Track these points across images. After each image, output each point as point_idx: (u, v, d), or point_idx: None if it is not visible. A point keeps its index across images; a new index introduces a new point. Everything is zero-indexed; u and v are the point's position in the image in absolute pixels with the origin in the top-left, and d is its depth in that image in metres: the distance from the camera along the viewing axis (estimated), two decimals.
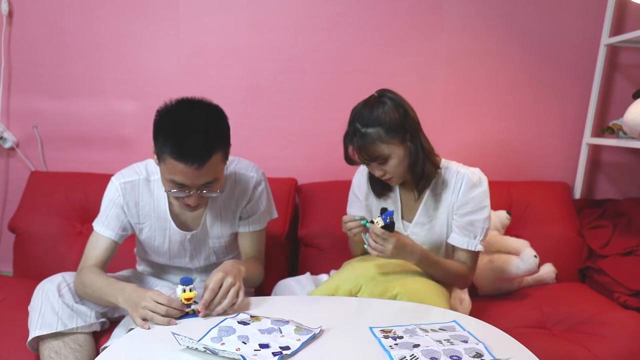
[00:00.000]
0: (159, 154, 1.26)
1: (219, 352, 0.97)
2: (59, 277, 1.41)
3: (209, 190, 1.29)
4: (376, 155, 1.37)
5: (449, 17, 2.08)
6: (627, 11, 2.08)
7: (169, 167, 1.23)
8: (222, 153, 1.28)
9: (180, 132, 1.21)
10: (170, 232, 1.48)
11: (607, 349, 1.40)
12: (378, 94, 1.42)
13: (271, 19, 2.08)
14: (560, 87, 2.13)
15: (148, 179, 1.44)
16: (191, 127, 1.21)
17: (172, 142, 1.20)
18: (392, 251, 1.31)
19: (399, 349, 0.99)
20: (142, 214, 1.45)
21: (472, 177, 1.44)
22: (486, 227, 1.45)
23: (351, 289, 1.35)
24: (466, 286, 1.52)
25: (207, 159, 1.21)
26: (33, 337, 1.33)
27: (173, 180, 1.25)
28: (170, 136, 1.21)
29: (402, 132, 1.38)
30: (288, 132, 2.14)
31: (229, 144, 1.33)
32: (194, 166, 1.20)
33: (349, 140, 1.39)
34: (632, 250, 1.79)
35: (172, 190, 1.28)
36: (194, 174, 1.22)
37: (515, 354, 1.00)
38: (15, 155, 2.17)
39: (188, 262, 1.57)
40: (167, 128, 1.23)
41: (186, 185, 1.25)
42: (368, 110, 1.37)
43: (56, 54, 2.10)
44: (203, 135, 1.21)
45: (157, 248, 1.51)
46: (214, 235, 1.52)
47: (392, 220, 1.30)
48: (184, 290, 1.16)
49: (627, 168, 2.20)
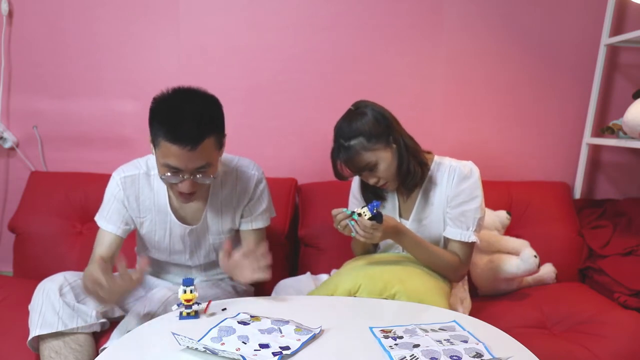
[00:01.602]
0: (154, 139, 1.28)
1: (219, 352, 0.97)
2: (61, 276, 1.41)
3: (203, 175, 1.30)
4: (363, 165, 1.40)
5: (449, 17, 2.08)
6: (627, 11, 2.07)
7: (163, 150, 1.25)
8: (215, 139, 1.30)
9: (175, 116, 1.24)
10: (170, 225, 1.48)
11: (607, 349, 1.40)
12: (354, 107, 1.45)
13: (271, 19, 2.08)
14: (560, 87, 2.13)
15: (148, 173, 1.46)
16: (185, 111, 1.25)
17: (166, 126, 1.23)
18: (380, 237, 1.34)
19: (399, 349, 0.99)
20: (143, 207, 1.46)
21: (464, 169, 1.46)
22: (478, 216, 1.45)
23: (350, 289, 1.35)
24: (459, 279, 1.52)
25: (199, 141, 1.24)
26: (33, 337, 1.33)
27: (167, 164, 1.27)
28: (164, 120, 1.24)
29: (385, 136, 1.41)
30: (288, 132, 2.14)
31: (224, 133, 1.36)
32: (186, 148, 1.22)
33: (335, 156, 1.43)
34: (632, 250, 1.79)
35: (166, 174, 1.29)
36: (187, 157, 1.24)
37: (515, 354, 1.00)
38: (15, 155, 2.17)
39: (188, 259, 1.57)
40: (162, 113, 1.26)
41: (180, 170, 1.27)
42: (347, 124, 1.41)
43: (56, 54, 2.10)
44: (196, 118, 1.24)
45: (158, 243, 1.52)
46: (213, 230, 1.52)
47: (379, 211, 1.31)
48: (184, 292, 1.16)
49: (627, 168, 2.20)
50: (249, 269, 1.25)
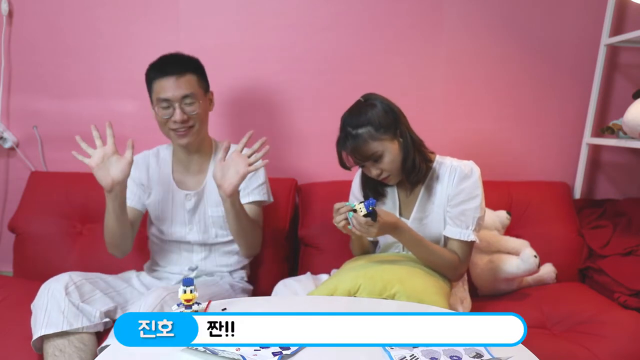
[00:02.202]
0: (149, 88, 1.58)
1: (219, 352, 0.97)
2: (66, 276, 1.42)
3: (190, 106, 1.54)
4: (369, 154, 1.40)
5: (449, 17, 2.08)
6: (627, 11, 2.07)
7: (156, 88, 1.55)
8: (197, 77, 1.58)
9: (161, 59, 1.59)
10: (172, 194, 1.65)
11: (607, 349, 1.40)
12: (364, 99, 1.47)
13: (271, 19, 2.08)
14: (560, 87, 2.13)
15: (157, 154, 1.72)
16: (170, 56, 1.60)
17: (156, 65, 1.57)
18: (376, 233, 1.34)
19: (399, 349, 0.99)
20: (152, 179, 1.67)
21: (464, 168, 1.47)
22: (477, 216, 1.45)
23: (350, 289, 1.35)
24: (458, 278, 1.51)
25: (182, 71, 1.54)
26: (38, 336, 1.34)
27: (159, 99, 1.53)
28: (154, 65, 1.58)
29: (392, 128, 1.42)
30: (288, 132, 2.14)
31: (207, 83, 1.64)
32: (173, 77, 1.52)
33: (341, 145, 1.43)
34: (632, 250, 1.79)
35: (161, 111, 1.53)
36: (173, 86, 1.52)
37: (515, 354, 1.00)
38: (15, 155, 2.17)
39: (188, 232, 1.64)
40: (153, 63, 1.59)
41: (169, 100, 1.52)
42: (356, 113, 1.42)
43: (56, 54, 2.09)
44: (179, 57, 1.59)
45: (162, 212, 1.66)
46: (211, 201, 1.62)
47: (374, 208, 1.31)
48: (184, 292, 1.16)
49: (627, 168, 2.20)
50: (242, 163, 1.44)
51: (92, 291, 1.45)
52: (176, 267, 1.66)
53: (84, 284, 1.43)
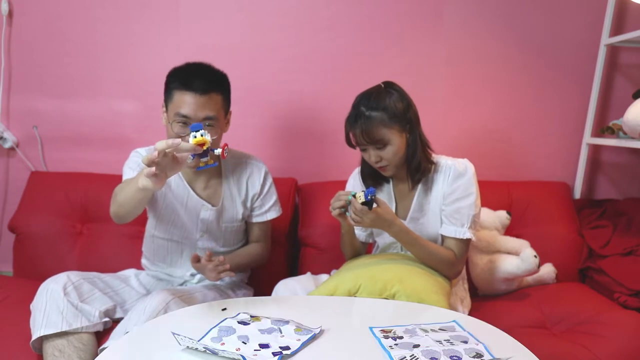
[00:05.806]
0: (167, 96, 1.43)
1: (219, 352, 0.97)
2: (64, 276, 1.42)
3: (209, 129, 1.40)
4: (377, 139, 1.40)
5: (449, 17, 2.08)
6: (627, 11, 2.08)
7: (176, 101, 1.40)
8: (222, 98, 1.46)
9: (189, 69, 1.45)
10: (187, 198, 1.56)
11: (607, 349, 1.40)
12: (385, 84, 1.47)
13: (271, 19, 2.08)
14: (560, 87, 2.13)
15: None
16: (198, 67, 1.46)
17: (181, 77, 1.42)
18: (370, 223, 1.35)
19: (399, 349, 0.99)
20: None
21: (459, 166, 1.47)
22: (472, 213, 1.45)
23: (350, 289, 1.35)
24: (455, 275, 1.51)
25: (209, 90, 1.40)
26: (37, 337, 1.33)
27: (178, 113, 1.39)
28: (180, 73, 1.44)
29: (404, 121, 1.43)
30: (288, 132, 2.14)
31: (229, 102, 1.52)
32: (197, 94, 1.38)
33: (351, 122, 1.44)
34: (632, 250, 1.79)
35: (177, 126, 1.39)
36: (196, 104, 1.39)
37: (515, 354, 1.00)
38: (15, 155, 2.17)
39: (199, 239, 1.61)
40: (178, 70, 1.46)
41: (189, 118, 1.39)
42: (374, 96, 1.42)
43: (56, 54, 2.10)
44: (207, 73, 1.45)
45: (174, 212, 1.56)
46: (227, 218, 1.61)
47: (372, 197, 1.32)
48: (195, 137, 1.05)
49: (627, 168, 2.20)
50: (214, 271, 1.33)
51: (91, 291, 1.45)
52: (178, 270, 1.65)
53: (82, 284, 1.43)
